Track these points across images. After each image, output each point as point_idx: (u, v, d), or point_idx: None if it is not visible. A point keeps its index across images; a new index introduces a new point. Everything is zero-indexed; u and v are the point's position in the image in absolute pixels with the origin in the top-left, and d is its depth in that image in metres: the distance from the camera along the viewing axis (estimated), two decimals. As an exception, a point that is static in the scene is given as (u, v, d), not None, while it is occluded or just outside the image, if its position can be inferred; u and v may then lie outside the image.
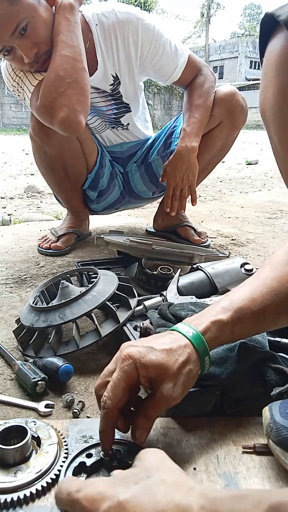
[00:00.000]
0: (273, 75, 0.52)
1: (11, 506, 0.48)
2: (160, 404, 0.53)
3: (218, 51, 32.15)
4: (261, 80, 0.56)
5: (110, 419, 0.53)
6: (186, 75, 1.42)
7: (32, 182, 3.75)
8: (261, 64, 0.55)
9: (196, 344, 0.56)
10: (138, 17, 1.30)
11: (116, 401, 0.52)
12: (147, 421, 0.54)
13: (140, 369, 0.53)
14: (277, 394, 0.60)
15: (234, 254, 1.46)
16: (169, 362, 0.53)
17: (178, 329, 0.58)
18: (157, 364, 0.53)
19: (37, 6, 1.12)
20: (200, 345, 0.56)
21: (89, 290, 0.87)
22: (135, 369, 0.53)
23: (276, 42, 0.52)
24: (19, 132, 12.83)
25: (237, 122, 1.44)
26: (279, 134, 0.54)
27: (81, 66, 1.16)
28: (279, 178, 4.39)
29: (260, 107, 0.57)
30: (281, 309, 0.59)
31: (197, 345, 0.56)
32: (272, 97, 0.52)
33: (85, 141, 1.49)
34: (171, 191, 1.40)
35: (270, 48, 0.53)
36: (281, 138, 0.54)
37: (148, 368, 0.52)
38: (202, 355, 0.56)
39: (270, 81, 0.52)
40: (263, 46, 0.55)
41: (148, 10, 20.46)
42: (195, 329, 0.57)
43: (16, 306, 1.10)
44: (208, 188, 3.80)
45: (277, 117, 0.53)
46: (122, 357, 0.54)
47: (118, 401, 0.52)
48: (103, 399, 0.53)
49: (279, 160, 0.57)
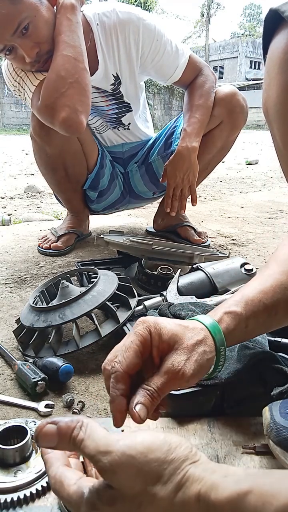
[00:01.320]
0: (276, 73, 0.51)
1: (11, 506, 0.48)
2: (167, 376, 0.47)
3: (218, 51, 32.16)
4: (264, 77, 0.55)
5: (121, 385, 0.46)
6: (186, 75, 1.42)
7: (32, 182, 3.75)
8: (264, 61, 0.55)
9: (212, 331, 0.54)
10: (139, 17, 1.30)
11: (126, 363, 0.46)
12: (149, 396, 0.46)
13: (154, 336, 0.49)
14: (277, 394, 0.60)
15: (234, 254, 1.46)
16: (184, 336, 0.51)
17: (196, 318, 0.56)
18: (171, 333, 0.50)
19: (38, 6, 1.12)
20: (217, 332, 0.54)
21: (89, 290, 0.87)
22: (149, 333, 0.49)
23: (280, 39, 0.51)
24: (19, 132, 12.83)
25: (238, 122, 1.44)
26: (282, 132, 0.54)
27: (82, 66, 1.16)
28: (279, 178, 4.39)
29: (263, 105, 0.56)
30: None
31: (213, 332, 0.54)
32: (276, 94, 0.52)
33: (86, 141, 1.49)
34: (171, 191, 1.40)
35: (273, 45, 0.52)
36: (284, 136, 0.54)
37: (162, 335, 0.49)
38: (218, 343, 0.53)
39: (273, 78, 0.52)
40: (267, 43, 0.54)
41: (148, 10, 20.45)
42: (211, 318, 0.56)
43: (16, 306, 1.10)
44: (208, 188, 3.80)
45: (280, 115, 0.53)
46: (137, 323, 0.50)
47: (128, 364, 0.46)
48: (112, 364, 0.47)
49: (281, 158, 0.57)
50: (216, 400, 0.65)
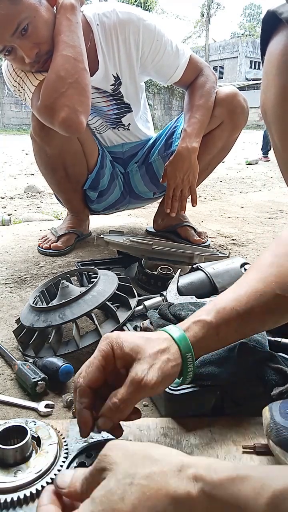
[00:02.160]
0: (274, 74, 0.51)
1: (11, 506, 0.48)
2: (131, 387, 0.49)
3: (218, 51, 32.14)
4: (262, 79, 0.55)
5: (83, 398, 0.51)
6: (187, 76, 1.42)
7: (32, 182, 3.75)
8: (262, 63, 0.55)
9: (177, 339, 0.55)
10: (139, 17, 1.30)
11: (88, 378, 0.51)
12: (113, 408, 0.49)
13: (116, 349, 0.52)
14: (277, 394, 0.60)
15: (234, 254, 1.46)
16: (145, 346, 0.53)
17: (164, 329, 0.58)
18: (133, 345, 0.52)
19: (38, 6, 1.12)
20: (182, 340, 0.55)
21: (89, 290, 0.87)
22: (111, 348, 0.52)
23: (278, 40, 0.51)
24: (19, 132, 12.83)
25: (238, 123, 1.44)
26: (279, 133, 0.54)
27: (82, 66, 1.16)
28: (279, 178, 4.39)
29: (261, 106, 0.56)
30: (267, 309, 0.59)
31: (178, 340, 0.55)
32: (274, 96, 0.52)
33: (86, 142, 1.49)
34: (171, 191, 1.40)
35: (271, 47, 0.52)
36: (282, 137, 0.54)
37: (123, 347, 0.52)
38: (183, 350, 0.55)
39: (271, 80, 0.52)
40: (265, 44, 0.54)
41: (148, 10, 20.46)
42: (178, 327, 0.58)
43: (16, 306, 1.10)
44: (208, 188, 3.80)
45: (278, 116, 0.53)
46: (101, 340, 0.54)
47: (90, 379, 0.51)
48: (76, 379, 0.52)
49: (280, 159, 0.57)
50: (216, 400, 0.65)
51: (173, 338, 0.55)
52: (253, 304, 0.58)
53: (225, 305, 0.59)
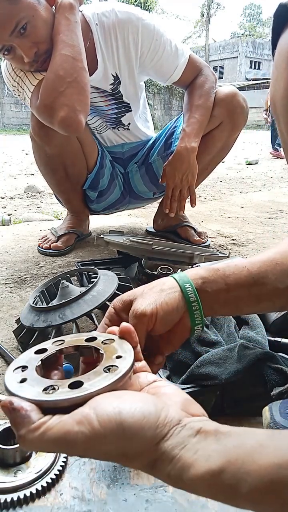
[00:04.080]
0: (284, 67, 0.52)
1: (11, 506, 0.48)
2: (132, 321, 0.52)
3: (218, 51, 32.16)
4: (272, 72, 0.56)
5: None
6: (186, 75, 1.41)
7: (32, 182, 3.75)
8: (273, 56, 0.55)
9: (176, 276, 0.57)
10: (138, 17, 1.30)
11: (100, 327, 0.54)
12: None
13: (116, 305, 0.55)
14: (277, 394, 0.60)
15: (234, 254, 1.46)
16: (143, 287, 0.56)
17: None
18: (131, 292, 0.56)
19: (36, 6, 1.12)
20: (181, 276, 0.56)
21: (89, 290, 0.87)
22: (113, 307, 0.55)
23: None
24: (19, 132, 12.83)
25: (238, 123, 1.44)
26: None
27: (81, 66, 1.16)
28: (279, 178, 4.40)
29: (270, 99, 0.57)
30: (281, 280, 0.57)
31: (178, 276, 0.56)
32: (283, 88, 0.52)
33: (86, 141, 1.49)
34: (170, 192, 1.40)
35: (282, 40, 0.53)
36: None
37: (122, 297, 0.55)
38: (181, 281, 0.56)
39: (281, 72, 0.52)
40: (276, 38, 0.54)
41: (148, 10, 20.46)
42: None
43: (16, 306, 1.10)
44: (208, 188, 3.80)
45: (287, 109, 0.53)
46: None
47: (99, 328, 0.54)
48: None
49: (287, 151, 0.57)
50: (216, 400, 0.65)
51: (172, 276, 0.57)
52: (267, 270, 0.57)
53: (236, 263, 0.58)
